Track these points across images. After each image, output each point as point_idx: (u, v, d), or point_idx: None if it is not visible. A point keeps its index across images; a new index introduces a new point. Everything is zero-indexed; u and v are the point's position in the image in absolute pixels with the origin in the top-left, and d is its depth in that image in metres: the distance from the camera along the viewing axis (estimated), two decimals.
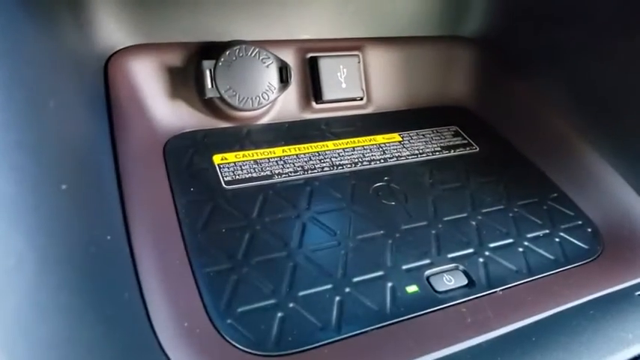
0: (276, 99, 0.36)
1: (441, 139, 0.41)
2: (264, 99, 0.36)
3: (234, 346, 0.23)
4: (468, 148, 0.40)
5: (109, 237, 0.23)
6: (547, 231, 0.33)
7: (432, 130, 0.42)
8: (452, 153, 0.39)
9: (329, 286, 0.27)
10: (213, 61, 0.34)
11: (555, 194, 0.37)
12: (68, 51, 0.28)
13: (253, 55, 0.35)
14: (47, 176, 0.20)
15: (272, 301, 0.26)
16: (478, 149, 0.40)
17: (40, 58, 0.24)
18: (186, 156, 0.33)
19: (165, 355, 0.22)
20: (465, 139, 0.41)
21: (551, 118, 0.40)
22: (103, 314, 0.20)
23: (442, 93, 0.45)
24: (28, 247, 0.17)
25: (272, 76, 0.36)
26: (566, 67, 0.39)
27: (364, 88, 0.41)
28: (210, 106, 0.36)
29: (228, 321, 0.24)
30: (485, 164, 0.39)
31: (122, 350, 0.20)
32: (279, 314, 0.25)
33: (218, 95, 0.34)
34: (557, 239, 0.33)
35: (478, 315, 0.26)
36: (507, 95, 0.44)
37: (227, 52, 0.34)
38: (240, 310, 0.25)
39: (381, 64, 0.42)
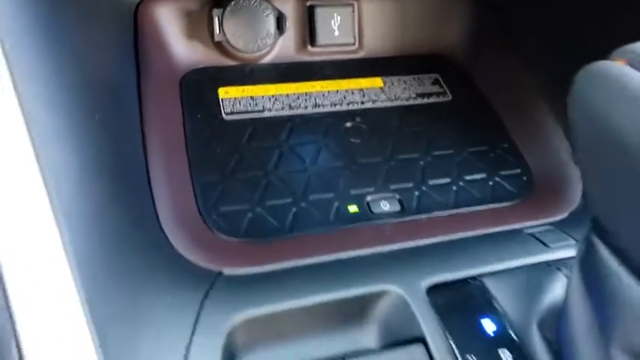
0: (274, 43, 0.43)
1: (420, 85, 0.46)
2: (263, 44, 0.42)
3: (215, 232, 0.33)
4: (441, 97, 0.46)
5: (129, 149, 0.32)
6: (484, 175, 0.39)
7: (414, 77, 0.47)
8: (425, 100, 0.45)
9: (289, 200, 0.36)
10: (222, 9, 0.41)
11: (506, 144, 0.42)
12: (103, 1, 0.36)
13: (255, 5, 0.41)
14: (84, 106, 0.29)
15: (246, 207, 0.35)
16: (451, 98, 0.46)
17: (79, 7, 0.32)
18: (198, 88, 0.42)
19: (166, 236, 0.32)
20: (441, 87, 0.46)
21: (527, 78, 0.44)
22: (123, 205, 0.30)
23: (432, 42, 0.49)
24: (74, 159, 0.26)
25: (270, 24, 0.42)
26: (552, 34, 0.42)
27: (356, 35, 0.46)
28: (220, 47, 0.43)
29: (214, 216, 0.34)
30: (453, 112, 0.44)
31: (135, 228, 0.30)
32: (250, 215, 0.35)
33: (225, 39, 0.41)
34: (490, 182, 0.39)
35: (398, 232, 0.34)
36: (493, 51, 0.47)
37: (232, 3, 0.41)
38: (222, 209, 0.35)
39: (375, 12, 0.47)
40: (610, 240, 0.19)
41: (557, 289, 0.26)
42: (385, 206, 0.36)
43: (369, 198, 0.37)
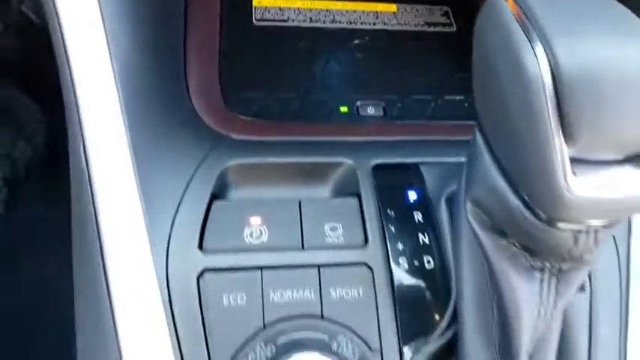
0: None
1: (430, 15, 0.52)
2: None
3: (231, 110, 0.43)
4: (446, 27, 0.51)
5: (173, 41, 0.42)
6: (462, 97, 0.46)
7: (427, 7, 0.52)
8: (431, 29, 0.51)
9: (294, 95, 0.45)
10: None
11: None
12: None
13: None
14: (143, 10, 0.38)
15: (258, 95, 0.44)
16: (454, 29, 0.51)
17: None
18: None
19: (193, 106, 0.42)
20: (449, 19, 0.52)
21: None
22: (163, 75, 0.40)
23: None
24: (131, 41, 0.36)
25: None
26: None
27: None
28: None
29: (232, 99, 0.44)
30: (452, 42, 0.50)
31: (170, 94, 0.40)
32: (261, 102, 0.44)
33: None
34: (466, 104, 0.46)
35: (372, 129, 0.42)
36: None
37: None
38: (240, 95, 0.44)
39: None
40: (484, 136, 0.27)
41: None
42: (371, 110, 0.44)
43: (358, 103, 0.45)
